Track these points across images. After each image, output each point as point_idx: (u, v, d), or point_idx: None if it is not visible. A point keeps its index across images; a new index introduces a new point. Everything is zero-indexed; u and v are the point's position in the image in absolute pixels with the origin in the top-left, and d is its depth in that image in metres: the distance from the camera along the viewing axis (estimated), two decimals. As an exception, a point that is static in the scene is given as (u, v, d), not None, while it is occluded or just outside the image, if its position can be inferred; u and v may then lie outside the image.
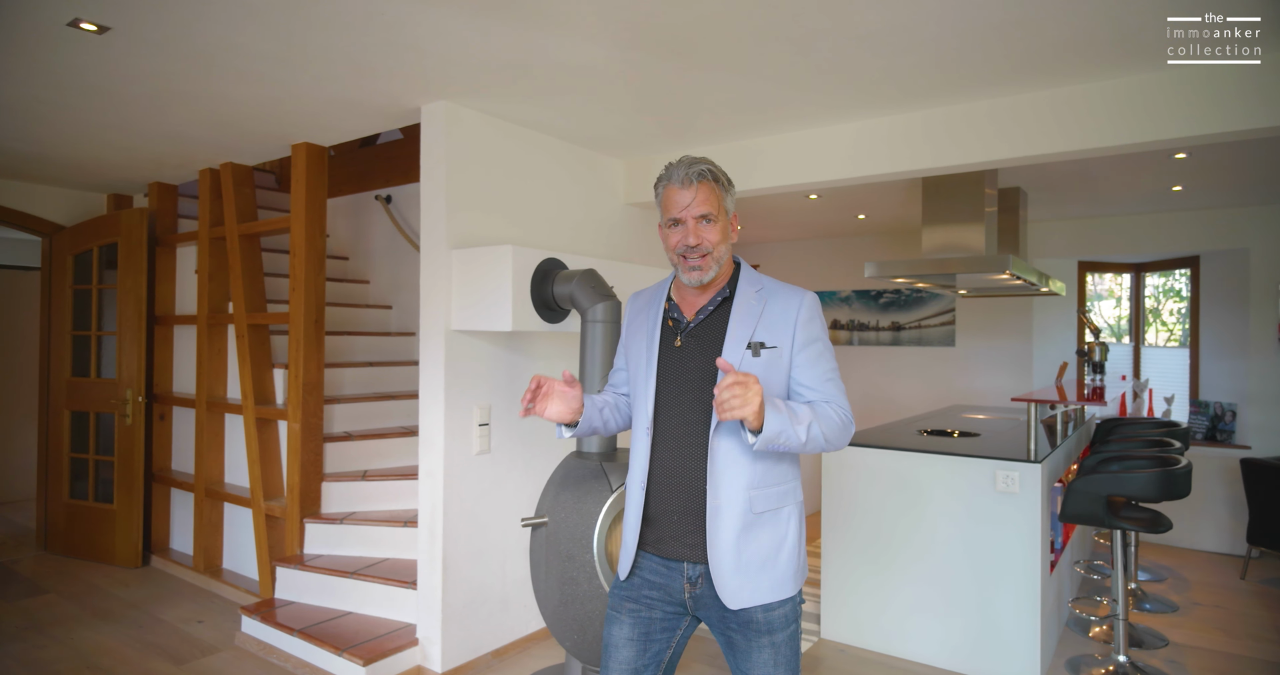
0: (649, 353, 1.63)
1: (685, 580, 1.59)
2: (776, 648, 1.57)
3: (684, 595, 1.60)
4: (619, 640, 1.63)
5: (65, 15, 2.18)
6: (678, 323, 1.64)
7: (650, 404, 1.60)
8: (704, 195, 1.56)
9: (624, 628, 1.63)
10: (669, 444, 1.59)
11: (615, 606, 1.66)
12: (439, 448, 2.96)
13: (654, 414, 1.60)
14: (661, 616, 1.63)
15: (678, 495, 1.58)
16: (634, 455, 1.65)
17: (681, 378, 1.59)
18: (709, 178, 1.57)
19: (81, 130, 3.40)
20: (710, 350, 1.58)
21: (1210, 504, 4.97)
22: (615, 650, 1.63)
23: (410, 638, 3.01)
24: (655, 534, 1.61)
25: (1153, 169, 4.01)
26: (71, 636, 3.37)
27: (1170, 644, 3.40)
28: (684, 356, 1.61)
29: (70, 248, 4.58)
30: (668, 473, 1.58)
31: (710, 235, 1.56)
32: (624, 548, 1.66)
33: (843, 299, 6.82)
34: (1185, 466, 2.93)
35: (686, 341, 1.61)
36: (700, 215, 1.56)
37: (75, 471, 4.60)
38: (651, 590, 1.63)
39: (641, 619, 1.62)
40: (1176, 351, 5.80)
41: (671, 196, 1.58)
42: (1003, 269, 3.40)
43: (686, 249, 1.56)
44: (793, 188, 3.46)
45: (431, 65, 2.58)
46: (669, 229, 1.61)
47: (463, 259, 2.94)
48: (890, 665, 3.18)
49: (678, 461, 1.58)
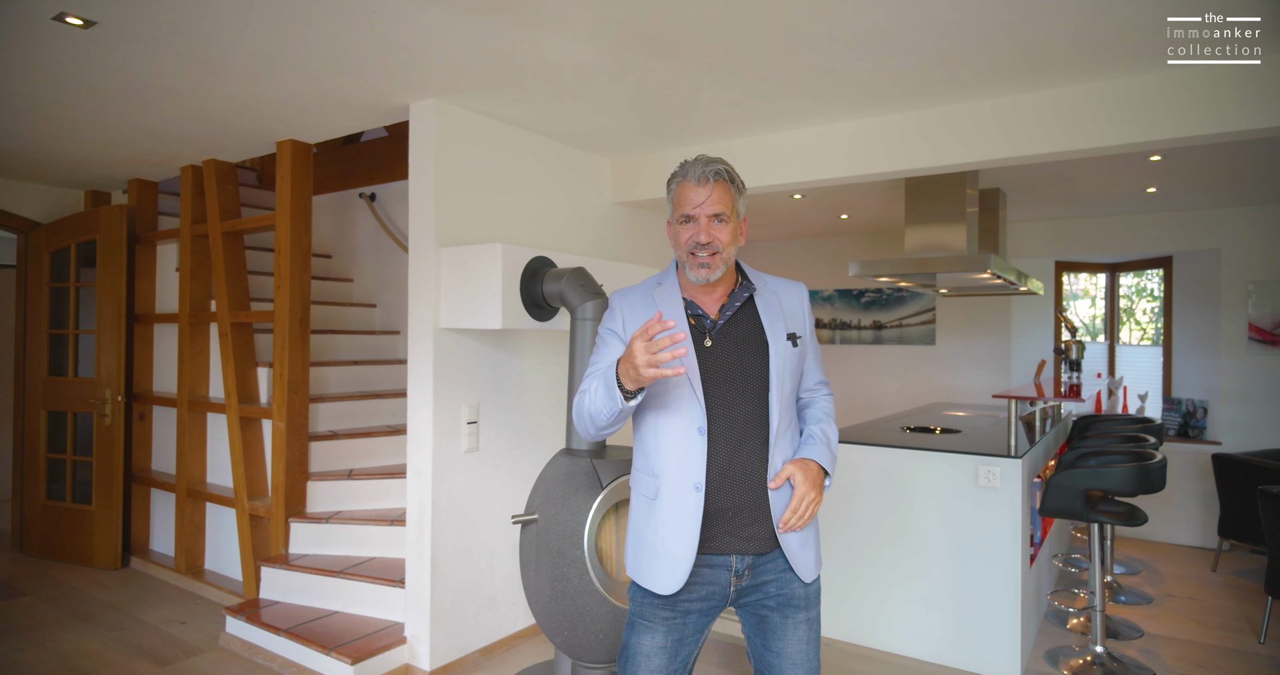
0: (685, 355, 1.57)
1: (733, 574, 1.59)
2: (811, 624, 1.63)
3: (729, 589, 1.61)
4: (650, 649, 1.59)
5: (51, 9, 2.15)
6: (701, 320, 1.63)
7: (701, 405, 1.56)
8: (719, 194, 1.57)
9: (657, 637, 1.60)
10: (719, 443, 1.57)
11: (647, 616, 1.61)
12: (427, 446, 2.96)
13: (706, 416, 1.57)
14: (696, 619, 1.61)
15: (735, 492, 1.57)
16: (671, 458, 1.58)
17: (723, 376, 1.58)
18: (725, 178, 1.59)
19: (62, 126, 3.35)
20: (745, 346, 1.61)
21: (1183, 499, 5.09)
22: (646, 659, 1.59)
23: (398, 636, 3.01)
24: (707, 532, 1.57)
25: (1129, 171, 4.10)
26: (51, 639, 3.32)
27: (1145, 635, 3.49)
28: (719, 354, 1.60)
29: (47, 245, 4.51)
30: (720, 472, 1.57)
31: (721, 235, 1.58)
32: (667, 559, 1.56)
33: (825, 298, 6.89)
34: (1160, 461, 3.01)
35: (718, 339, 1.61)
36: (713, 214, 1.57)
37: (52, 472, 4.52)
38: (692, 593, 1.59)
39: (676, 626, 1.60)
40: (1150, 350, 5.93)
41: (685, 193, 1.59)
42: (984, 268, 3.46)
43: (697, 246, 1.57)
44: (782, 188, 3.50)
45: (422, 63, 2.58)
46: (680, 225, 1.60)
47: (451, 257, 2.94)
48: (875, 659, 3.22)
49: (732, 458, 1.57)
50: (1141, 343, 6.07)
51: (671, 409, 1.59)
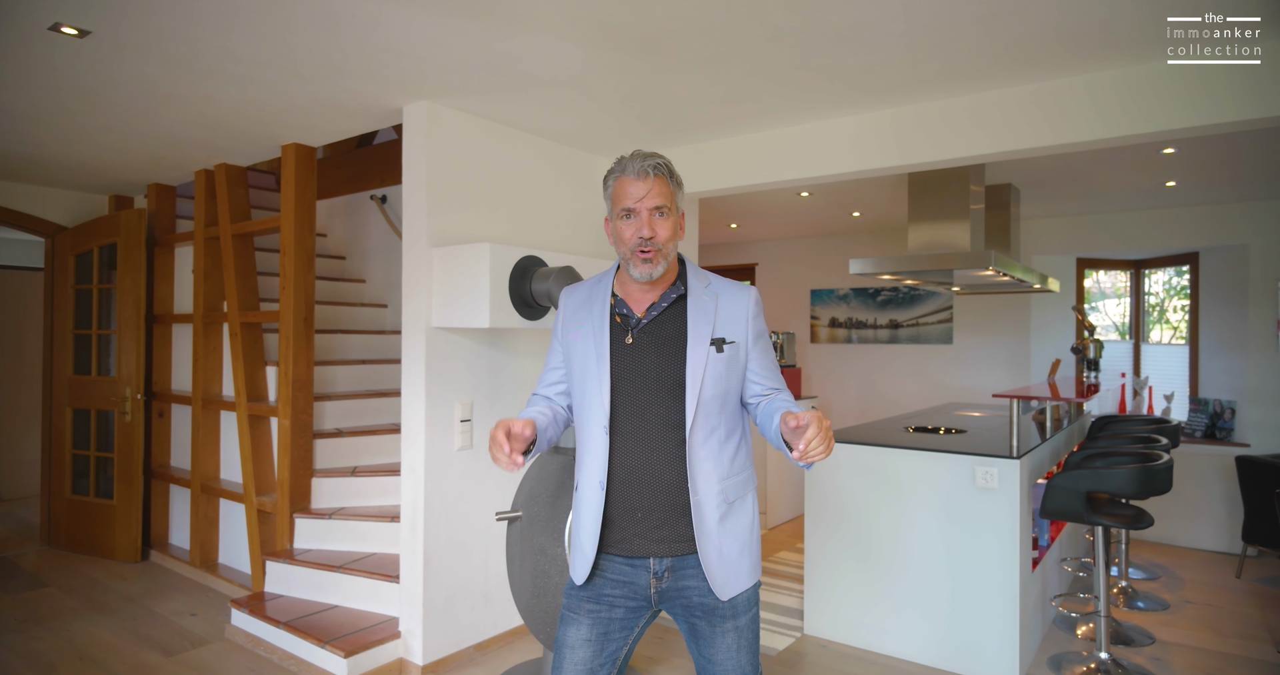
0: (598, 350, 1.60)
1: (651, 575, 1.59)
2: (740, 632, 1.60)
3: (649, 590, 1.60)
4: (575, 641, 1.60)
5: (46, 19, 2.23)
6: (626, 319, 1.62)
7: (606, 402, 1.56)
8: (659, 188, 1.55)
9: (581, 629, 1.61)
10: (629, 442, 1.57)
11: (572, 608, 1.63)
12: (420, 443, 3.00)
13: (611, 412, 1.57)
14: (622, 614, 1.61)
15: (644, 493, 1.56)
16: (587, 454, 1.60)
17: (638, 375, 1.57)
18: (664, 172, 1.57)
19: (78, 132, 3.47)
20: (666, 347, 1.58)
21: (1208, 502, 4.92)
22: (570, 651, 1.60)
23: (393, 631, 3.05)
24: (617, 534, 1.58)
25: (1140, 164, 3.98)
26: (67, 628, 3.44)
27: (1157, 642, 3.38)
28: (637, 353, 1.59)
29: (72, 248, 4.67)
30: (630, 471, 1.57)
31: (663, 229, 1.56)
32: (579, 551, 1.61)
33: (840, 297, 6.81)
34: (1165, 462, 2.92)
35: (639, 338, 1.59)
36: (655, 207, 1.55)
37: (77, 468, 4.68)
38: (614, 589, 1.60)
39: (601, 619, 1.60)
40: (1176, 349, 5.75)
41: (625, 188, 1.57)
42: (985, 265, 3.40)
43: (641, 241, 1.55)
44: (774, 184, 3.47)
45: (408, 66, 2.62)
46: (621, 221, 1.58)
47: (443, 257, 2.98)
48: (872, 661, 3.18)
49: (642, 459, 1.56)
50: (1174, 342, 5.89)
51: (587, 406, 1.60)
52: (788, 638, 3.40)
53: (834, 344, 6.86)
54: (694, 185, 3.66)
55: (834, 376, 6.87)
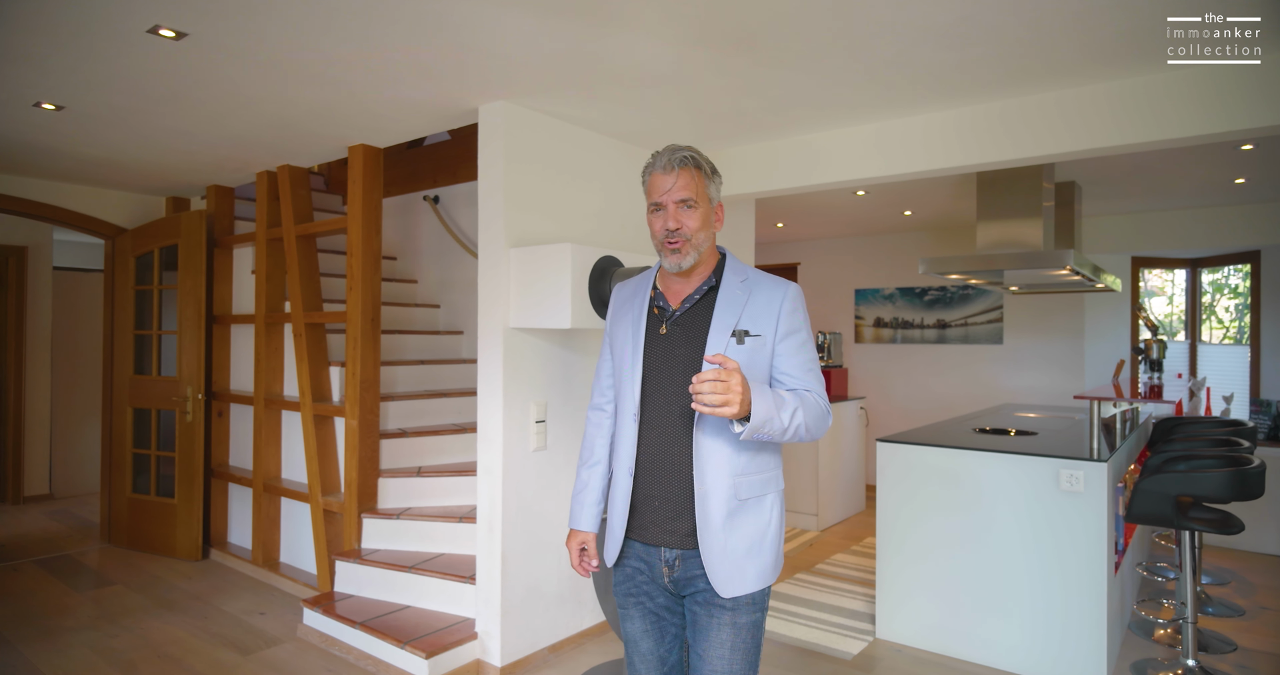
0: (634, 340, 1.65)
1: (664, 563, 1.62)
2: (737, 629, 1.57)
3: (664, 578, 1.62)
4: (635, 634, 1.67)
5: (146, 21, 2.24)
6: (663, 310, 1.65)
7: (637, 391, 1.62)
8: (684, 181, 1.58)
9: (635, 622, 1.67)
10: (654, 431, 1.61)
11: (623, 604, 1.69)
12: (498, 444, 2.99)
13: (640, 401, 1.62)
14: (664, 602, 1.66)
15: (662, 482, 1.59)
16: (621, 442, 1.66)
17: (667, 365, 1.61)
18: (690, 164, 1.60)
19: (151, 134, 3.50)
20: (696, 338, 1.60)
21: (1273, 506, 4.82)
22: (634, 644, 1.68)
23: (469, 632, 3.05)
24: (639, 520, 1.63)
25: (1216, 161, 3.90)
26: (140, 626, 3.47)
27: (1239, 649, 3.31)
28: (670, 344, 1.62)
29: (132, 249, 4.72)
30: (652, 460, 1.60)
31: (690, 221, 1.58)
32: (611, 533, 1.67)
33: (886, 296, 6.75)
34: (1259, 466, 2.85)
35: (672, 329, 1.63)
36: (680, 200, 1.58)
37: (137, 467, 4.73)
38: (642, 577, 1.65)
39: (647, 610, 1.66)
40: (1235, 349, 5.64)
41: (654, 182, 1.61)
42: (1062, 264, 3.34)
43: (667, 233, 1.58)
44: (856, 183, 3.42)
45: (493, 65, 2.61)
46: (652, 214, 1.63)
47: (521, 257, 2.97)
48: (948, 666, 3.14)
49: (662, 448, 1.59)
50: (1224, 342, 5.78)
51: (622, 395, 1.66)
52: (859, 642, 3.36)
53: (879, 344, 6.80)
54: (764, 185, 3.63)
55: (881, 377, 6.81)
